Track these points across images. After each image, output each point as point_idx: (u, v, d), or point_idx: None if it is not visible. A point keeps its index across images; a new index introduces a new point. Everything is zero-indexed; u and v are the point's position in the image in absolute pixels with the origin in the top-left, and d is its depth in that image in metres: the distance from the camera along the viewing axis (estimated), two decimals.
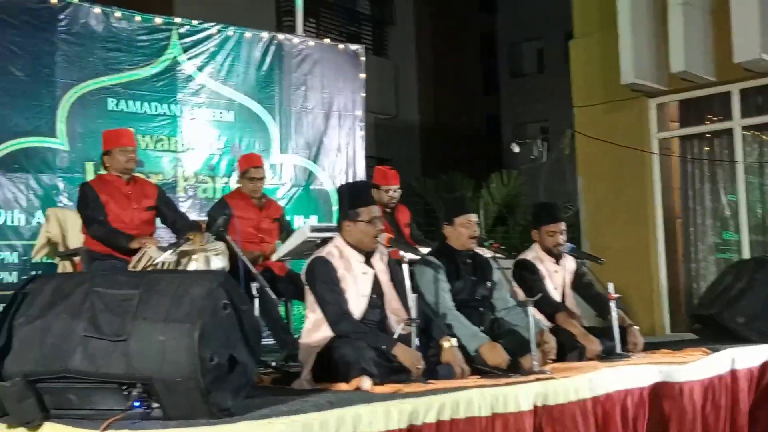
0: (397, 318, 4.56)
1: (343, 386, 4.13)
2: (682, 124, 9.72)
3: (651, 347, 5.69)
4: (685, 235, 9.69)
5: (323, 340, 4.37)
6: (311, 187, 8.56)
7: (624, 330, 5.36)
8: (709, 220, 9.59)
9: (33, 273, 6.68)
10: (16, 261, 6.71)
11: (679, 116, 9.73)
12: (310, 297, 4.53)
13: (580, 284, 5.83)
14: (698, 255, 9.61)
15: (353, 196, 4.64)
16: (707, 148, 9.62)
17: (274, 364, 5.28)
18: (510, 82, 28.32)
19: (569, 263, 5.81)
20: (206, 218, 6.60)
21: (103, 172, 6.07)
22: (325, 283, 4.42)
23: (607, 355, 5.13)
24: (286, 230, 6.62)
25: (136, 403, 3.22)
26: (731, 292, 6.14)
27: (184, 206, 7.49)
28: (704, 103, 9.46)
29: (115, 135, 5.94)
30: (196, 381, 3.15)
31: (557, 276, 5.68)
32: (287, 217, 7.22)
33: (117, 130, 6.05)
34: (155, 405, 3.24)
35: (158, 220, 6.08)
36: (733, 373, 5.27)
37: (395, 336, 4.38)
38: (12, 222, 6.72)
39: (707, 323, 6.31)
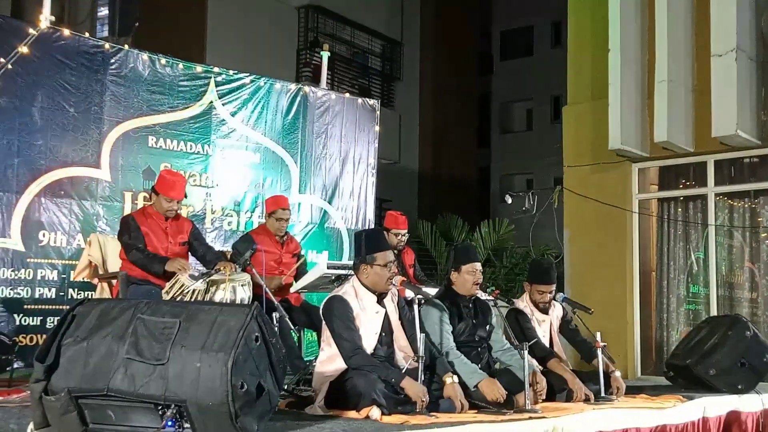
0: (404, 354, 4.56)
1: (353, 414, 4.11)
2: (661, 187, 9.74)
3: (630, 391, 5.65)
4: (659, 288, 9.67)
5: (336, 371, 4.36)
6: (325, 225, 8.56)
7: (607, 375, 5.33)
8: (680, 275, 9.58)
9: (70, 291, 6.69)
10: (56, 279, 6.67)
11: (658, 180, 9.76)
12: (326, 332, 4.51)
13: (566, 329, 5.82)
14: (669, 306, 9.59)
15: (371, 243, 4.63)
16: (681, 210, 9.63)
17: (286, 387, 5.22)
18: (500, 137, 28.50)
19: (557, 310, 5.80)
20: (230, 249, 6.59)
21: (142, 204, 6.04)
22: (341, 320, 4.41)
23: (593, 397, 5.09)
24: (302, 266, 6.58)
25: (169, 423, 3.19)
26: (705, 345, 6.11)
27: (210, 236, 7.48)
28: (682, 170, 9.48)
29: (170, 184, 5.78)
30: (227, 406, 3.13)
31: (545, 324, 5.68)
32: (302, 252, 7.20)
33: (173, 180, 5.85)
34: (186, 425, 3.21)
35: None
36: (704, 420, 5.25)
37: (403, 371, 4.35)
38: (54, 243, 6.69)
39: (681, 372, 6.28)
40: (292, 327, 5.58)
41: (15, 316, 6.41)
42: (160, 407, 3.21)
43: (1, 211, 6.43)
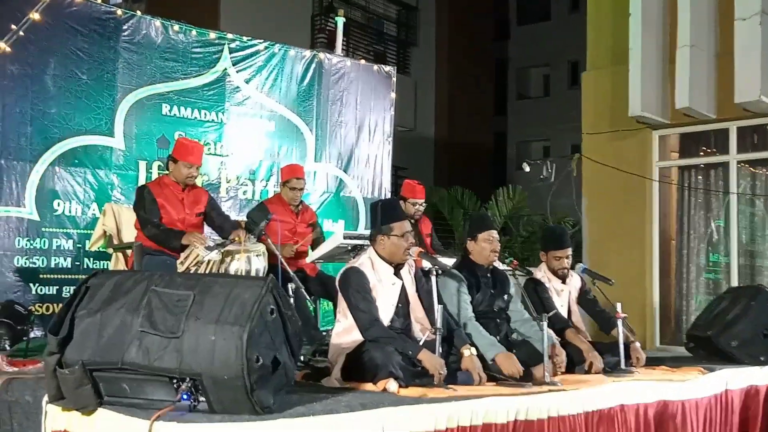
0: (421, 326, 4.49)
1: (370, 386, 4.06)
2: (682, 155, 9.59)
3: (650, 363, 5.58)
4: (678, 257, 9.56)
5: (353, 343, 4.30)
6: (341, 194, 8.49)
7: (627, 346, 5.25)
8: (701, 244, 9.46)
9: (86, 260, 6.68)
10: (71, 248, 6.67)
11: (679, 147, 9.60)
12: (342, 303, 4.45)
13: (584, 300, 5.74)
14: (689, 275, 9.49)
15: (387, 213, 4.56)
16: (701, 178, 9.49)
17: (302, 358, 5.19)
18: (517, 103, 28.21)
19: (575, 281, 5.71)
20: (245, 218, 6.53)
21: (162, 172, 5.97)
22: (358, 292, 4.35)
23: (612, 369, 5.02)
24: (318, 235, 6.53)
25: (185, 396, 3.16)
26: (727, 316, 6.02)
27: (225, 206, 7.44)
28: (703, 137, 9.32)
29: (187, 149, 5.74)
30: (242, 379, 3.08)
31: (563, 294, 5.59)
32: (318, 221, 7.14)
33: (191, 145, 5.82)
34: (202, 399, 3.18)
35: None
36: (727, 393, 5.18)
37: (421, 343, 4.30)
38: (69, 212, 6.67)
39: (702, 343, 6.19)
40: (308, 297, 5.53)
41: (31, 285, 6.42)
42: (174, 380, 3.18)
43: (15, 180, 6.41)
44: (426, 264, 4.60)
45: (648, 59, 8.80)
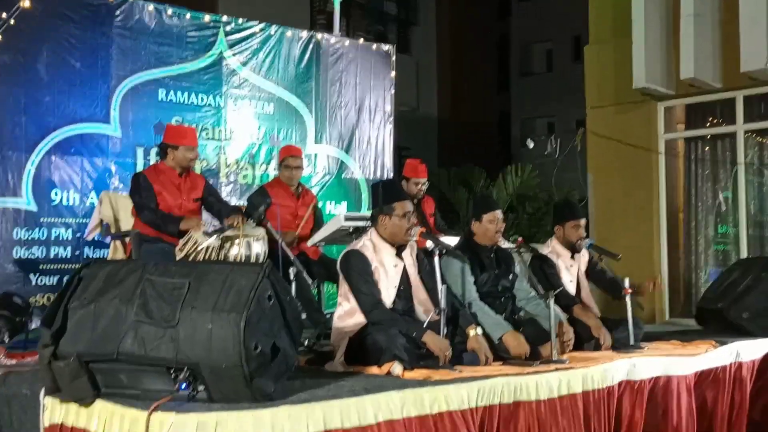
0: (424, 308, 4.42)
1: (375, 370, 4.00)
2: (688, 126, 9.48)
3: (661, 337, 5.51)
4: (686, 229, 9.49)
5: (356, 326, 4.24)
6: (342, 176, 8.40)
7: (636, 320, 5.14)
8: (709, 215, 9.38)
9: (85, 249, 6.62)
10: (70, 237, 6.60)
11: (685, 119, 9.50)
12: (344, 286, 4.38)
13: (593, 272, 5.65)
14: (698, 247, 9.41)
15: (388, 193, 4.49)
16: (708, 149, 9.38)
17: (306, 343, 5.13)
18: (520, 80, 28.01)
19: (583, 255, 5.63)
20: (246, 203, 6.46)
21: (154, 159, 5.91)
22: (359, 274, 4.28)
23: (622, 345, 4.93)
24: (317, 219, 6.45)
25: (183, 386, 3.11)
26: (738, 288, 5.95)
27: (225, 191, 7.37)
28: (709, 107, 9.22)
29: (182, 132, 5.69)
30: (240, 368, 3.03)
31: (573, 269, 5.51)
32: (320, 204, 7.07)
33: (183, 127, 5.82)
34: (201, 388, 3.13)
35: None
36: (738, 365, 5.12)
37: (425, 324, 4.22)
38: (67, 202, 6.60)
39: (712, 316, 6.12)
40: (311, 281, 5.46)
41: (30, 276, 6.37)
42: (172, 370, 3.12)
43: (11, 171, 6.34)
44: (429, 244, 4.51)
45: (651, 30, 8.69)
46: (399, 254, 4.45)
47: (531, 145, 12.37)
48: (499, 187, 14.52)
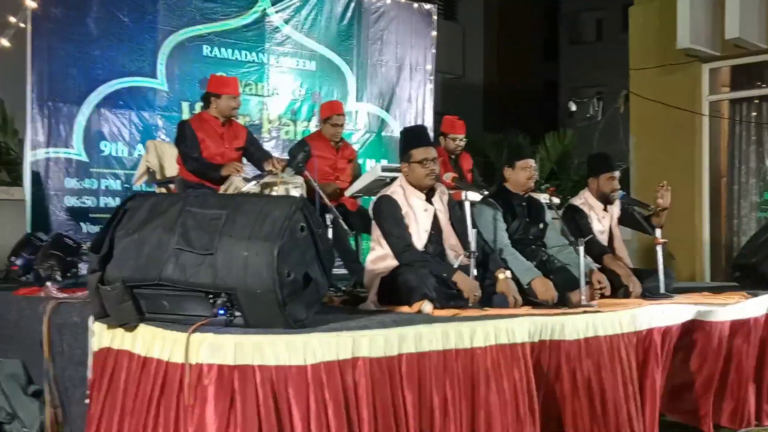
0: (455, 253, 4.51)
1: (405, 309, 4.12)
2: (733, 88, 9.38)
3: (692, 290, 5.55)
4: (729, 193, 9.41)
5: (387, 268, 4.36)
6: (383, 133, 8.53)
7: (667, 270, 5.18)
8: (752, 180, 9.28)
9: None
10: (119, 188, 6.87)
11: (730, 81, 9.38)
12: (376, 231, 4.51)
13: (627, 216, 5.68)
14: (740, 212, 9.33)
15: (408, 140, 4.61)
16: (755, 113, 9.26)
17: (344, 288, 5.29)
18: (569, 48, 27.61)
19: (615, 209, 5.68)
20: (287, 157, 6.61)
21: (198, 110, 6.10)
22: (390, 218, 4.40)
23: (652, 294, 5.00)
24: (356, 172, 6.59)
25: (221, 311, 3.26)
26: None
27: (268, 146, 7.51)
28: (755, 69, 9.10)
29: (225, 81, 5.86)
30: (274, 293, 3.16)
31: (605, 221, 5.55)
32: (359, 161, 7.20)
33: (226, 78, 5.97)
34: (237, 313, 3.27)
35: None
36: None
37: (455, 266, 4.34)
38: (116, 153, 6.86)
39: (747, 272, 6.12)
40: (349, 232, 5.60)
41: (81, 224, 6.64)
42: (210, 296, 3.27)
43: (63, 122, 6.60)
44: (470, 195, 4.58)
45: None
46: (429, 200, 4.54)
47: (573, 107, 12.29)
48: (541, 152, 14.51)
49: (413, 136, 4.66)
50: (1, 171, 8.44)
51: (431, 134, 8.78)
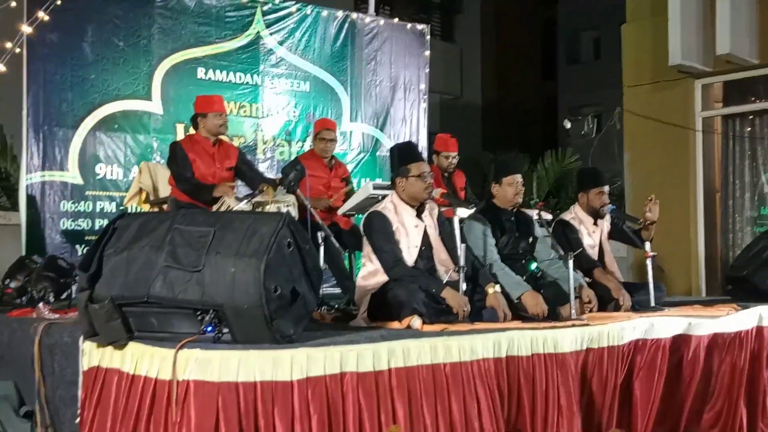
0: (445, 268, 4.55)
1: (395, 324, 4.15)
2: (726, 103, 9.41)
3: (683, 303, 5.56)
4: (724, 208, 9.42)
5: (378, 284, 4.39)
6: (377, 153, 8.58)
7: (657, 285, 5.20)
8: (746, 194, 9.31)
9: None
10: (114, 210, 6.89)
11: (722, 96, 9.42)
12: (367, 247, 4.55)
13: (616, 230, 5.71)
14: (735, 227, 9.34)
15: (403, 155, 4.66)
16: (749, 128, 9.30)
17: (337, 306, 5.31)
18: (567, 68, 27.72)
19: (605, 223, 5.71)
20: (281, 176, 6.65)
21: (191, 132, 6.16)
22: (380, 233, 4.45)
23: (642, 308, 5.02)
24: (350, 192, 6.63)
25: (209, 328, 3.29)
26: (763, 255, 5.97)
27: (262, 167, 7.60)
28: (747, 84, 9.13)
29: (209, 101, 5.94)
30: (261, 308, 3.20)
31: (595, 235, 5.59)
32: (354, 180, 7.25)
33: (211, 96, 6.05)
34: (225, 330, 3.30)
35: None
36: (759, 329, 5.13)
37: (444, 281, 4.37)
38: (111, 176, 6.91)
39: (739, 284, 6.14)
40: (342, 250, 5.63)
41: (77, 246, 6.66)
42: (198, 312, 3.31)
43: (59, 146, 6.65)
44: (459, 211, 4.62)
45: (688, 5, 8.62)
46: (419, 216, 4.59)
47: (568, 125, 12.36)
48: (540, 171, 14.51)
49: (410, 152, 4.73)
50: (1, 196, 8.48)
51: (424, 153, 8.87)
